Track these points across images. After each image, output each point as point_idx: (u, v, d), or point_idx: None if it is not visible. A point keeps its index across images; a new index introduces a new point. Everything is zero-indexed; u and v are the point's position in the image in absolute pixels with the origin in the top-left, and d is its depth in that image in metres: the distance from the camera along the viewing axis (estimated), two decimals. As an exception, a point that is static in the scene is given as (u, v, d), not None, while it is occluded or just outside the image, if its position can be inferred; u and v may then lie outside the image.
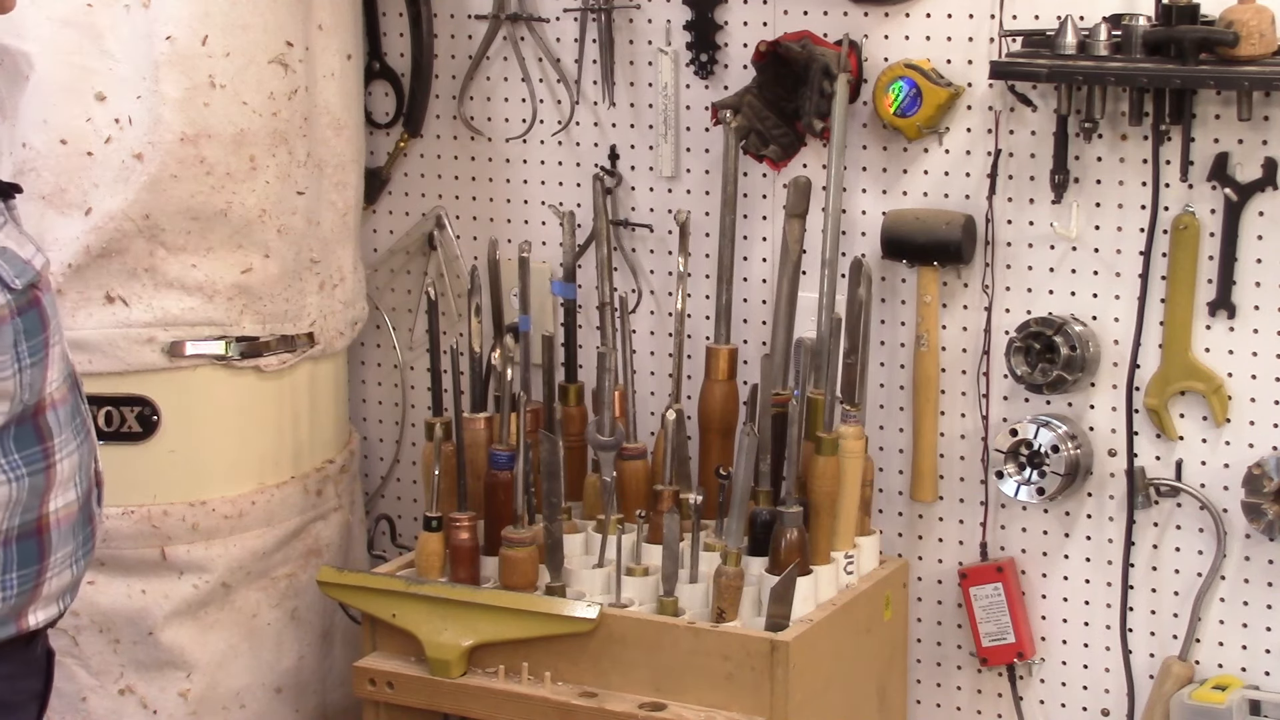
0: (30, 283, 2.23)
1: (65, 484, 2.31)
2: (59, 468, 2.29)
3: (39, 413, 2.26)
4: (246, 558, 3.07)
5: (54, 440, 2.29)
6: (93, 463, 2.40)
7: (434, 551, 3.00)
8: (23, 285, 2.22)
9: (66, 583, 2.35)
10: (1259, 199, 2.85)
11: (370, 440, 3.55)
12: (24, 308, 2.22)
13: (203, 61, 2.90)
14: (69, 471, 2.31)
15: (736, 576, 2.83)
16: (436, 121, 3.40)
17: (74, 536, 2.34)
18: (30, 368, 2.23)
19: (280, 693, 3.15)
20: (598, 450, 3.02)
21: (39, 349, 2.24)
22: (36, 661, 2.39)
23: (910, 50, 3.03)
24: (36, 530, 2.28)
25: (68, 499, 2.32)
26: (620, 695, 2.84)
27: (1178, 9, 2.77)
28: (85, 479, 2.36)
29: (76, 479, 2.33)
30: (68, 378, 2.33)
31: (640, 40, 3.22)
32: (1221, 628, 2.96)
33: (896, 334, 3.12)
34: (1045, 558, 3.07)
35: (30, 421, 2.26)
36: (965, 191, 3.03)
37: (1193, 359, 2.92)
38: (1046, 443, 2.97)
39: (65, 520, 2.31)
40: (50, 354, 2.27)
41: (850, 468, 2.94)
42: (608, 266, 3.14)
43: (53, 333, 2.27)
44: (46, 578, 2.30)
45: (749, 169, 3.15)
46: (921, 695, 3.19)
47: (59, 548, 2.31)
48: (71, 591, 2.38)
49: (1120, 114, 2.89)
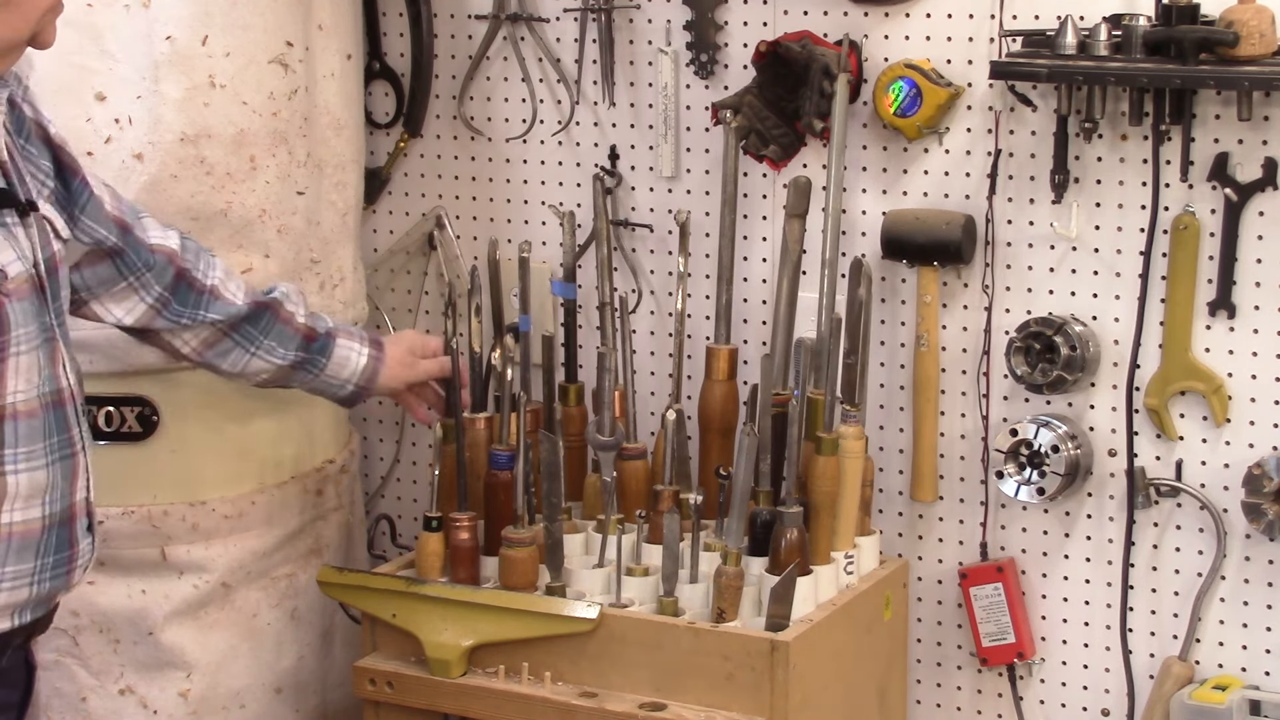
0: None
1: (25, 499, 2.28)
2: (10, 480, 2.26)
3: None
4: (246, 558, 3.07)
5: (4, 451, 2.25)
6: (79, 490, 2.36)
7: (434, 551, 3.00)
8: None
9: (23, 599, 2.31)
10: (1259, 199, 2.85)
11: (370, 440, 3.55)
12: None
13: (203, 61, 2.90)
14: (28, 487, 2.28)
15: (736, 576, 2.83)
16: (436, 121, 3.40)
17: (36, 555, 2.31)
18: None
19: (280, 693, 3.15)
20: (598, 450, 3.02)
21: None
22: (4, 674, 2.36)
23: (910, 50, 3.03)
24: None
25: (28, 515, 2.28)
26: (620, 695, 2.84)
27: (1178, 9, 2.77)
28: (60, 501, 2.32)
29: (45, 499, 2.30)
30: (45, 395, 2.30)
31: (640, 40, 3.22)
32: (1221, 628, 2.96)
33: (896, 334, 3.12)
34: (1045, 558, 3.07)
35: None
36: (965, 191, 3.03)
37: (1193, 359, 2.92)
38: (1046, 443, 2.97)
39: (21, 535, 2.28)
40: (9, 362, 2.24)
41: (850, 468, 2.94)
42: (608, 266, 3.14)
43: (14, 340, 2.25)
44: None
45: (749, 169, 3.15)
46: (921, 695, 3.19)
47: (9, 561, 2.28)
48: (32, 608, 2.34)
49: (1120, 114, 2.89)
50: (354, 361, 2.93)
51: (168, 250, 2.69)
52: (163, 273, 2.69)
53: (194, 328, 2.76)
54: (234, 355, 2.82)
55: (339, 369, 2.92)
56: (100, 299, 2.65)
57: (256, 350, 2.82)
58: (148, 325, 2.72)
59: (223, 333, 2.80)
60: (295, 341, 2.86)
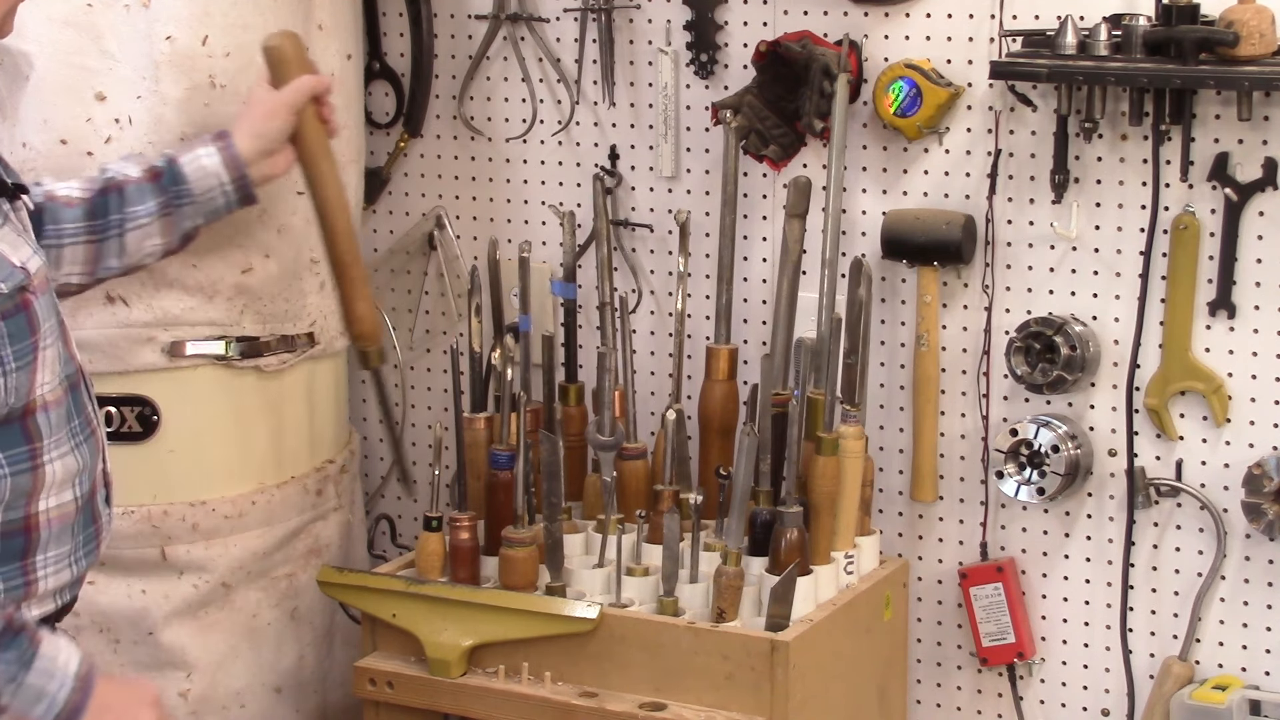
0: (19, 286, 2.22)
1: (60, 485, 2.31)
2: (49, 469, 2.29)
3: (27, 414, 2.26)
4: (246, 558, 3.07)
5: (43, 441, 2.28)
6: (99, 464, 2.39)
7: (434, 551, 3.00)
8: (9, 289, 2.21)
9: (65, 580, 2.35)
10: (1259, 199, 2.85)
11: (370, 440, 3.55)
12: (9, 312, 2.21)
13: (203, 61, 2.90)
14: (63, 473, 2.30)
15: (736, 576, 2.83)
16: (436, 121, 3.40)
17: (72, 536, 2.34)
18: (16, 372, 2.22)
19: (280, 693, 3.15)
20: (598, 450, 3.02)
21: (26, 353, 2.24)
22: None
23: (910, 50, 3.03)
24: (24, 529, 2.27)
25: (62, 500, 2.31)
26: (620, 695, 2.84)
27: (1178, 9, 2.77)
28: (88, 480, 2.35)
29: (76, 481, 2.33)
30: (65, 379, 2.32)
31: (640, 40, 3.22)
32: (1221, 628, 2.96)
33: (896, 334, 3.12)
34: (1045, 558, 3.07)
35: (18, 423, 2.25)
36: (965, 191, 3.04)
37: (1193, 359, 2.92)
38: (1046, 443, 2.97)
39: (59, 520, 2.31)
40: (40, 357, 2.26)
41: (850, 468, 2.94)
42: (608, 266, 3.14)
43: (44, 336, 2.26)
44: (37, 575, 2.30)
45: (749, 169, 3.15)
46: (921, 695, 3.19)
47: (51, 547, 2.31)
48: (71, 589, 2.38)
49: (1120, 114, 2.89)
50: (208, 164, 2.70)
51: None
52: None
53: (57, 250, 2.59)
54: (111, 248, 2.65)
55: (202, 179, 2.70)
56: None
57: (124, 228, 2.65)
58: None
59: (88, 243, 2.63)
60: (147, 190, 2.68)
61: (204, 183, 2.70)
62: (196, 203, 2.70)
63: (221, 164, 2.71)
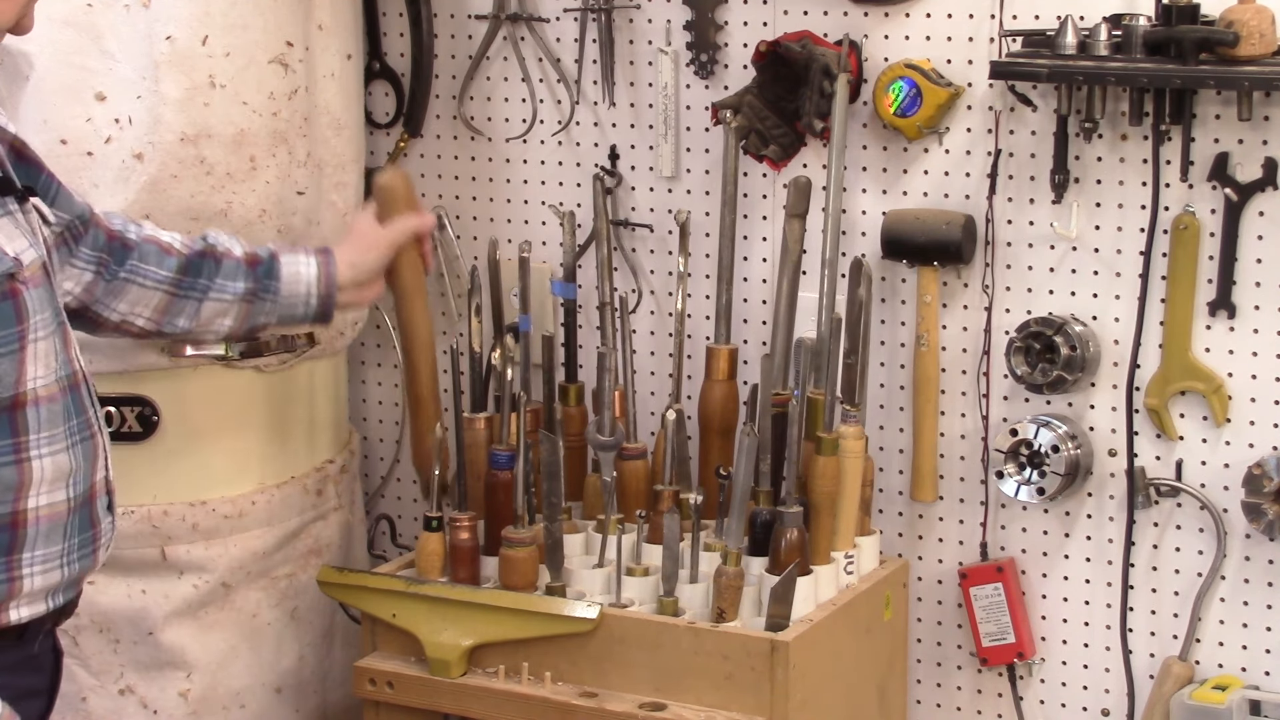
0: (7, 273, 2.22)
1: (50, 483, 2.29)
2: (36, 464, 2.27)
3: (16, 407, 2.25)
4: (247, 558, 3.07)
5: (29, 436, 2.27)
6: (99, 469, 2.38)
7: (434, 551, 3.00)
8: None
9: (55, 581, 2.33)
10: (1259, 199, 2.85)
11: (370, 440, 3.55)
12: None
13: (203, 61, 2.90)
14: (54, 471, 2.29)
15: (736, 576, 2.83)
16: (436, 121, 3.40)
17: (64, 538, 2.33)
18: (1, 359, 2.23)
19: (280, 693, 3.15)
20: (598, 450, 3.02)
21: (11, 340, 2.23)
22: (35, 659, 2.38)
23: (910, 50, 3.03)
24: (11, 525, 2.27)
25: (54, 498, 2.30)
26: (620, 695, 2.84)
27: (1178, 9, 2.77)
28: (83, 481, 2.34)
29: (70, 481, 2.32)
30: (62, 379, 2.32)
31: (640, 40, 3.22)
32: (1221, 628, 2.96)
33: (896, 334, 3.12)
34: (1045, 558, 3.07)
35: (5, 414, 2.25)
36: (965, 191, 3.04)
37: (1193, 359, 2.92)
38: (1046, 443, 2.97)
39: (49, 519, 2.30)
40: (28, 348, 2.25)
41: (850, 468, 2.94)
42: (608, 266, 3.14)
43: (33, 328, 2.26)
44: (23, 572, 2.29)
45: (749, 169, 3.15)
46: (921, 695, 3.19)
47: (39, 545, 2.30)
48: (64, 591, 2.36)
49: (1120, 114, 2.89)
50: (305, 273, 2.79)
51: (100, 220, 2.64)
52: (97, 237, 2.62)
53: (138, 288, 2.65)
54: (188, 309, 2.71)
55: (294, 285, 2.78)
56: None
57: (206, 295, 2.72)
58: (91, 292, 2.62)
59: (169, 294, 2.69)
60: (241, 272, 2.75)
61: (293, 288, 2.78)
62: (279, 303, 2.78)
63: (316, 277, 2.80)
